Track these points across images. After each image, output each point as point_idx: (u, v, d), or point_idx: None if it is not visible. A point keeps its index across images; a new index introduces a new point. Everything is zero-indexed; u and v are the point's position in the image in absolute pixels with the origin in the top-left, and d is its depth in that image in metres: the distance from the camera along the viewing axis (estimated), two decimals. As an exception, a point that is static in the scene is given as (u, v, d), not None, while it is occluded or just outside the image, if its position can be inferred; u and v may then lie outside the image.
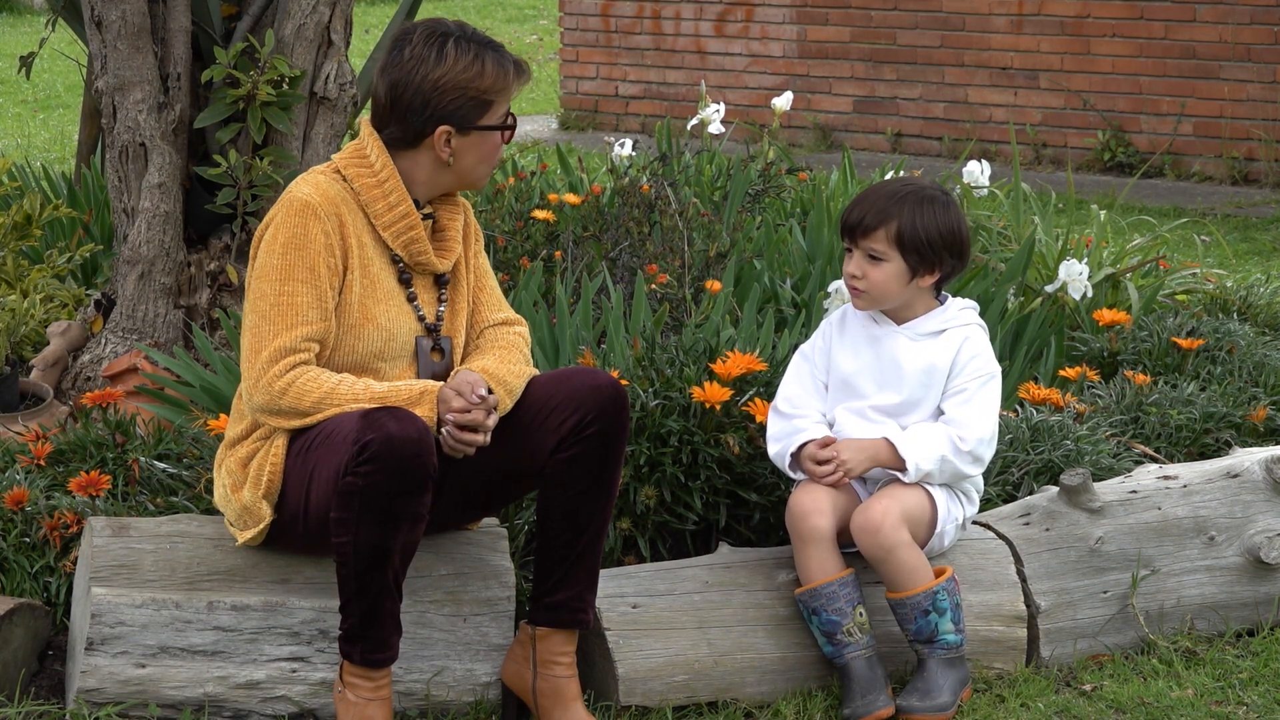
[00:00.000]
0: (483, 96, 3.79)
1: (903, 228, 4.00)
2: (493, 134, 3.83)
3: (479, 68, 3.78)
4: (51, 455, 4.38)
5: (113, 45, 5.11)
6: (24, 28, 18.18)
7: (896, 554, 3.94)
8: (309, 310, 3.72)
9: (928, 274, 4.05)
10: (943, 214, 4.04)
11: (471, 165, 3.84)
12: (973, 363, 4.06)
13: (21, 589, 4.07)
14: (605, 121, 12.92)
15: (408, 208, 3.82)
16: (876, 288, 4.04)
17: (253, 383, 3.71)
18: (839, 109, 12.05)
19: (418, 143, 3.81)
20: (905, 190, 4.06)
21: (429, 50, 3.78)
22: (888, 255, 4.01)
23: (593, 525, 3.80)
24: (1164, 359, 5.33)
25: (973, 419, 4.03)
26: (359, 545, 3.60)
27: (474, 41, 3.80)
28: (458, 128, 3.79)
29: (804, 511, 4.01)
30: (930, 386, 4.06)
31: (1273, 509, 4.44)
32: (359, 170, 3.82)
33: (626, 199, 5.86)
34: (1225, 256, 8.26)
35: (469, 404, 3.68)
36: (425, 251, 3.85)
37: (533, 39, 17.62)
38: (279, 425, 3.73)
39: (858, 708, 3.91)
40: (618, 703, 3.93)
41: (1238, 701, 4.07)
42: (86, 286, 5.83)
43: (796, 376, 4.18)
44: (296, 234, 3.74)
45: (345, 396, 3.68)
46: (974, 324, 4.12)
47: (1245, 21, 10.68)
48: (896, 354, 4.07)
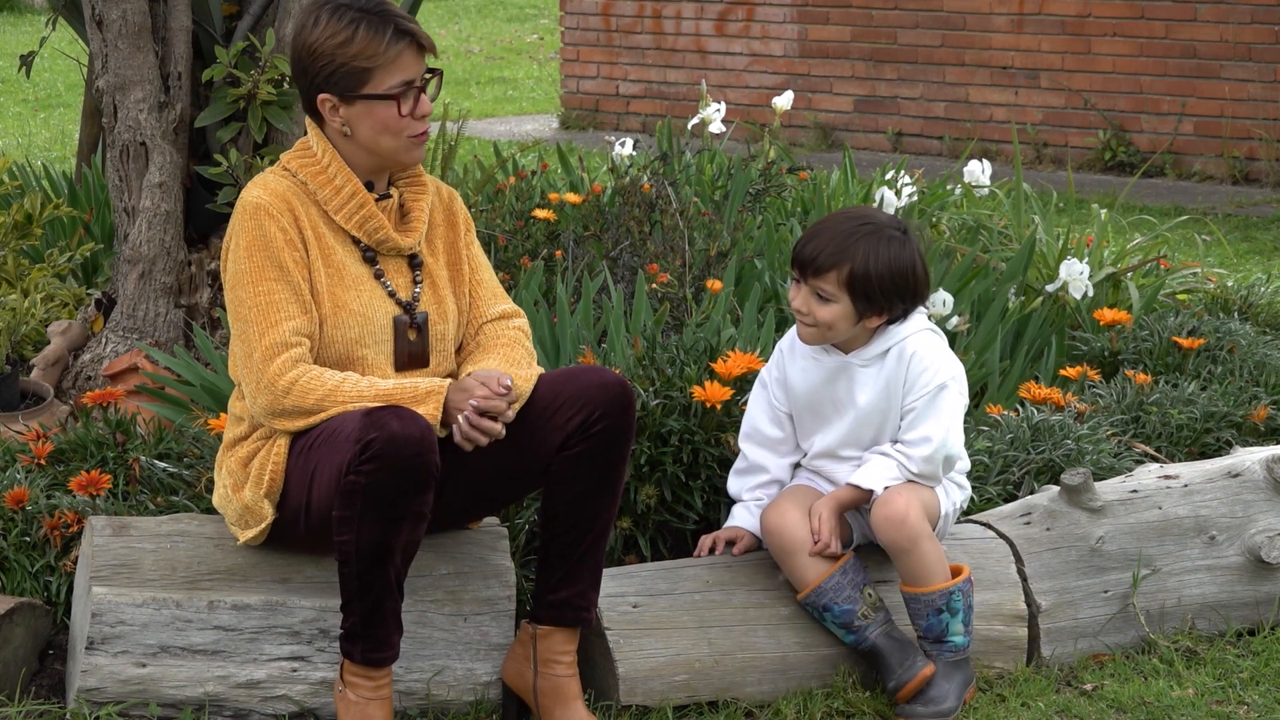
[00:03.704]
0: (353, 64, 3.74)
1: (855, 271, 3.89)
2: (382, 103, 3.76)
3: (349, 33, 3.73)
4: (52, 454, 4.38)
5: (113, 44, 5.11)
6: (24, 27, 18.19)
7: (920, 545, 3.93)
8: (289, 305, 3.71)
9: (875, 316, 3.97)
10: (898, 254, 3.93)
11: (371, 137, 3.79)
12: (921, 377, 3.98)
13: (22, 588, 4.06)
14: (606, 121, 12.92)
15: (354, 188, 3.81)
16: (824, 325, 3.97)
17: (254, 386, 3.70)
18: (840, 108, 12.05)
19: (317, 117, 3.82)
20: (862, 228, 3.94)
21: (309, 17, 3.79)
22: (836, 297, 3.93)
23: (597, 523, 3.80)
24: (1165, 358, 5.32)
25: (918, 436, 3.97)
26: (361, 544, 3.59)
27: (355, 9, 3.75)
28: (339, 95, 3.77)
29: (776, 527, 4.01)
30: (889, 409, 4.01)
31: (1273, 509, 4.44)
32: (303, 162, 3.83)
33: (627, 198, 5.86)
34: (1226, 256, 8.26)
35: (494, 391, 3.66)
36: (382, 228, 3.83)
37: (533, 38, 17.62)
38: (284, 428, 3.72)
39: (900, 676, 3.92)
40: (618, 702, 3.93)
41: (1238, 701, 4.07)
42: (87, 286, 5.83)
43: (759, 408, 4.16)
44: (255, 236, 3.74)
45: (349, 394, 3.67)
46: (922, 330, 4.02)
47: (1246, 21, 10.68)
48: (851, 385, 4.02)
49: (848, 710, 3.98)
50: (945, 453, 3.99)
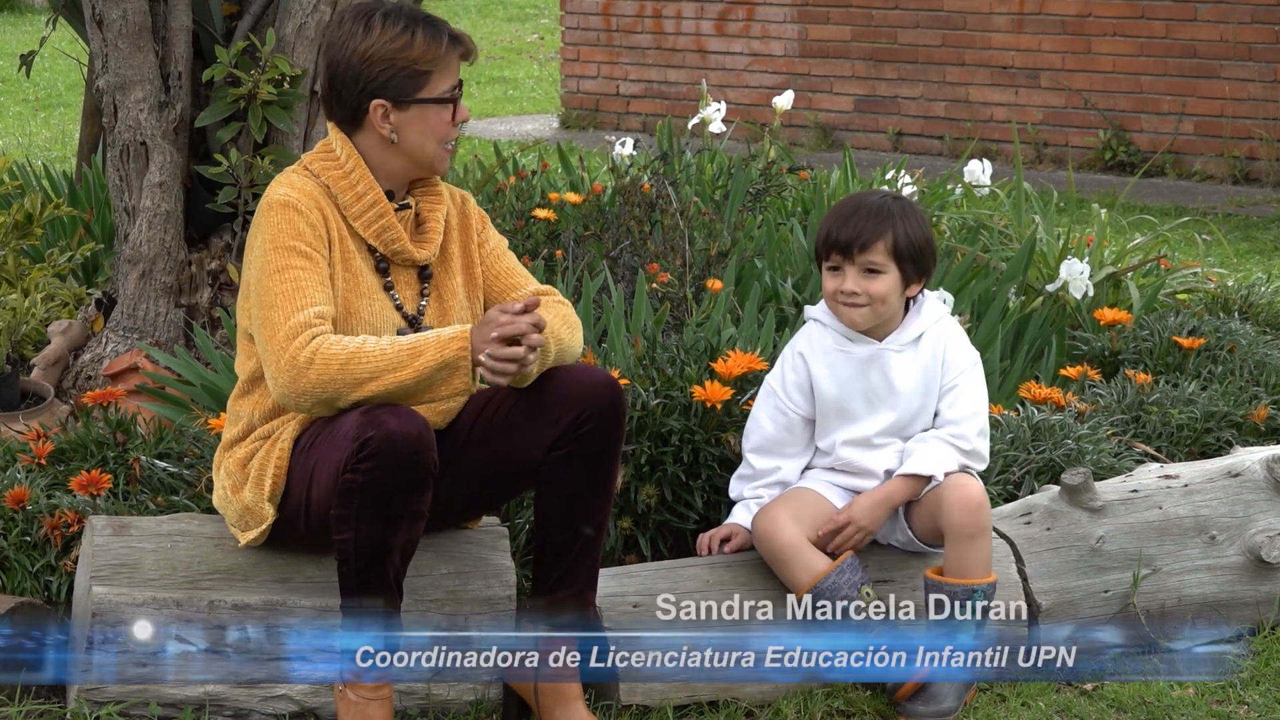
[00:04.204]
0: (415, 67, 3.76)
1: (898, 237, 4.02)
2: (435, 108, 3.79)
3: (408, 37, 3.75)
4: (52, 454, 4.38)
5: (114, 44, 5.11)
6: (25, 27, 18.18)
7: (985, 536, 3.96)
8: (315, 291, 3.70)
9: (915, 283, 4.08)
10: (922, 219, 4.10)
11: (418, 143, 3.80)
12: (958, 356, 4.10)
13: (22, 588, 4.06)
14: (606, 120, 12.91)
15: (376, 196, 3.81)
16: (878, 301, 4.04)
17: (275, 366, 3.64)
18: (840, 108, 12.05)
19: (360, 122, 3.80)
20: (884, 201, 4.07)
21: (357, 25, 3.78)
22: (885, 267, 4.03)
23: (591, 523, 3.80)
24: (1165, 358, 5.32)
25: (966, 413, 4.07)
26: (359, 543, 3.59)
27: (404, 15, 3.77)
28: (393, 101, 3.77)
29: (767, 533, 4.01)
30: (928, 394, 4.08)
31: (1274, 508, 4.44)
32: (326, 165, 3.82)
33: (627, 198, 5.86)
34: (1226, 256, 8.26)
35: (512, 315, 3.62)
36: (400, 239, 3.83)
37: (534, 38, 17.62)
38: (313, 410, 3.65)
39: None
40: (618, 702, 3.93)
41: (1238, 701, 4.07)
42: (87, 285, 5.83)
43: (767, 415, 4.16)
44: (283, 229, 3.72)
45: (372, 353, 3.61)
46: (945, 317, 4.15)
47: (1246, 20, 10.68)
48: (887, 372, 4.07)
49: (847, 709, 3.98)
50: (985, 430, 4.07)
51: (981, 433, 4.08)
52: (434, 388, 3.65)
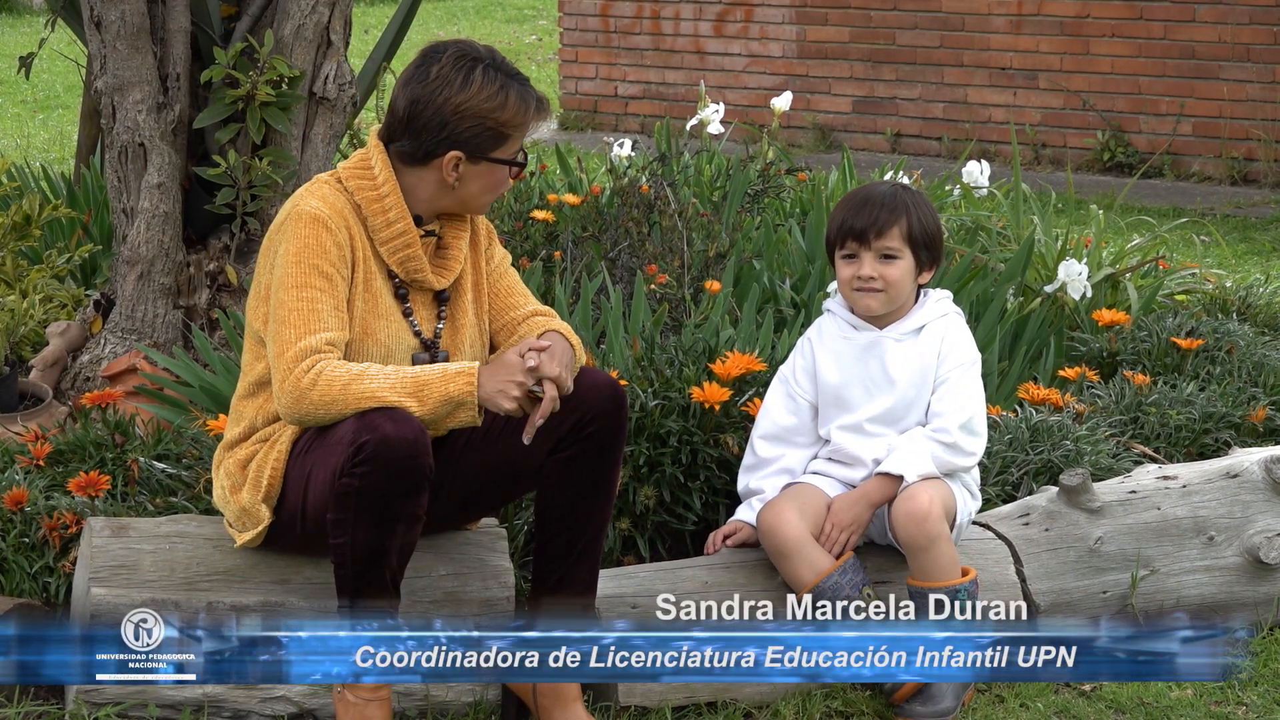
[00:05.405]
0: (501, 129, 3.76)
1: (912, 222, 4.08)
2: (501, 168, 3.80)
3: (503, 99, 3.74)
4: (51, 455, 4.38)
5: (112, 45, 5.11)
6: (23, 28, 18.18)
7: (938, 545, 3.95)
8: (329, 317, 3.70)
9: (927, 269, 4.12)
10: (933, 212, 4.15)
11: (475, 194, 3.82)
12: (954, 352, 4.11)
13: (21, 589, 4.06)
14: (604, 122, 12.91)
15: (405, 225, 3.80)
16: (894, 285, 4.08)
17: (279, 383, 3.67)
18: (838, 109, 12.05)
19: (426, 161, 3.78)
20: (895, 192, 4.12)
21: (457, 73, 3.74)
22: (901, 252, 4.08)
23: (591, 525, 3.80)
24: (1163, 359, 5.33)
25: (952, 407, 4.07)
26: (356, 546, 3.60)
27: (501, 71, 3.76)
28: (469, 155, 3.76)
29: (772, 527, 4.02)
30: (923, 385, 4.09)
31: (1272, 509, 4.44)
32: (361, 182, 3.81)
33: (626, 199, 5.86)
34: (1224, 257, 8.27)
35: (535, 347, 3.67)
36: (421, 270, 3.83)
37: (532, 39, 17.62)
38: (308, 423, 3.67)
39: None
40: (617, 703, 3.93)
41: (1237, 702, 4.07)
42: (86, 287, 5.83)
43: (777, 401, 4.19)
44: (309, 244, 3.72)
45: (375, 378, 3.63)
46: (951, 313, 4.17)
47: (1244, 21, 10.68)
48: (884, 359, 4.10)
49: (846, 710, 3.98)
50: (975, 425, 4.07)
51: (966, 427, 4.07)
52: (438, 422, 3.66)
